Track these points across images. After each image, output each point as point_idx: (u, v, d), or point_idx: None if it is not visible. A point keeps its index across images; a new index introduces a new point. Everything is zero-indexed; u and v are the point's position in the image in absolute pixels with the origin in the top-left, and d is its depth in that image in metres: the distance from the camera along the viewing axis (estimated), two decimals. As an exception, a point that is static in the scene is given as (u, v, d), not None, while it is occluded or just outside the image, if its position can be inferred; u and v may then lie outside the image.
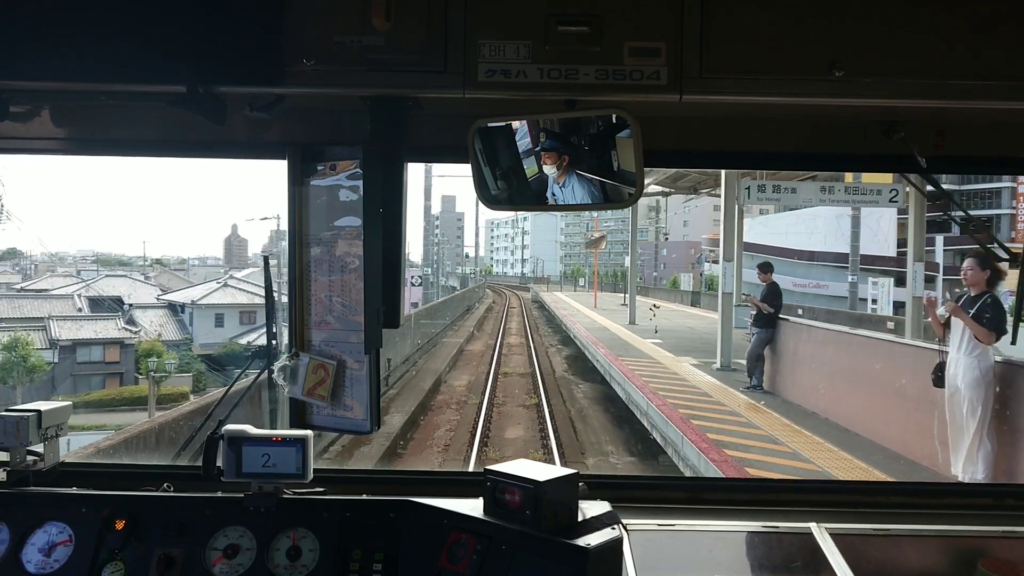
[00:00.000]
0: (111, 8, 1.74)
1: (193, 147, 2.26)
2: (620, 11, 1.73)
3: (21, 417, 2.08)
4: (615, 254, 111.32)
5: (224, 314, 46.65)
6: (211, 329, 45.08)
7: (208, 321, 45.92)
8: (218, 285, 48.95)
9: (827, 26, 1.73)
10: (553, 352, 29.88)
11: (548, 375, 23.21)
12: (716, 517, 2.25)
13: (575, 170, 1.86)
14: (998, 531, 2.21)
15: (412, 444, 15.15)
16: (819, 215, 44.35)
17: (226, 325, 45.90)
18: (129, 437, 7.38)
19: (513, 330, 40.30)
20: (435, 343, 29.39)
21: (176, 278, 61.01)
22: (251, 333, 42.55)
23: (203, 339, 43.72)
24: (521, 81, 1.75)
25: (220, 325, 45.81)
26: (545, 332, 38.92)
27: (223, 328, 45.39)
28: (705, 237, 58.48)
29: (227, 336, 43.76)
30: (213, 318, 46.21)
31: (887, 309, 30.45)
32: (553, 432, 15.33)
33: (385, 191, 2.02)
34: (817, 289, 43.76)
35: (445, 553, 1.83)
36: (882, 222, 39.70)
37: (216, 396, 11.33)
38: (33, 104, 2.09)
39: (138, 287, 52.00)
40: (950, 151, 2.16)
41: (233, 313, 47.07)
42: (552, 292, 67.60)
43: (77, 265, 68.32)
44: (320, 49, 1.75)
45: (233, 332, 44.77)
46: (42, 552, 1.96)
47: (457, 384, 22.06)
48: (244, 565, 1.93)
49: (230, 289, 48.19)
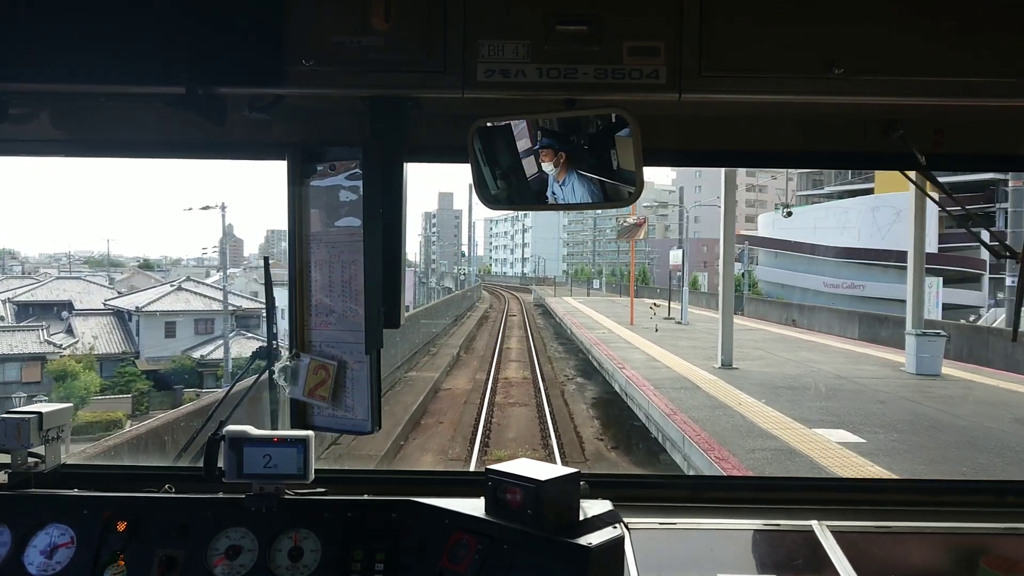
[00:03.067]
0: (110, 10, 1.74)
1: (193, 148, 2.26)
2: (619, 10, 1.73)
3: (22, 419, 2.09)
4: (624, 252, 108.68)
5: (176, 322, 39.99)
6: (160, 340, 39.02)
7: (157, 330, 39.45)
8: (171, 288, 42.84)
9: (826, 25, 1.73)
10: (584, 416, 18.10)
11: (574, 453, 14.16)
12: (717, 515, 2.25)
13: (575, 169, 1.86)
14: (1000, 528, 2.21)
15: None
16: (851, 207, 40.68)
17: (179, 335, 39.64)
18: (131, 438, 7.39)
19: (513, 354, 30.18)
20: (399, 378, 20.57)
21: (151, 280, 52.58)
22: (207, 345, 37.13)
23: (151, 351, 37.97)
24: (520, 81, 1.75)
25: (171, 335, 39.50)
26: (556, 355, 29.64)
27: (175, 339, 39.28)
28: (751, 237, 50.91)
29: (179, 348, 37.84)
30: (163, 327, 39.73)
31: (935, 313, 27.93)
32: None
33: (385, 191, 2.02)
34: (852, 290, 39.88)
35: (446, 553, 1.83)
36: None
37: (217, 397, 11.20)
38: (33, 106, 2.09)
39: (92, 290, 45.96)
40: (949, 149, 2.16)
41: (187, 321, 40.45)
42: (560, 297, 57.08)
43: (61, 264, 64.52)
44: (319, 50, 1.75)
45: (187, 343, 39.01)
46: (44, 554, 1.96)
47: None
48: (246, 566, 1.93)
49: (184, 294, 41.83)
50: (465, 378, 24.18)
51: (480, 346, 33.48)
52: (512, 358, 29.42)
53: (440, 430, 16.83)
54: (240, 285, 58.61)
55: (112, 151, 2.30)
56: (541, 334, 38.36)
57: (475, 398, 20.26)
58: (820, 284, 42.11)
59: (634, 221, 35.51)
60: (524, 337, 37.20)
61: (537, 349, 31.43)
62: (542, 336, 37.72)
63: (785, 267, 46.84)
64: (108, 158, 2.32)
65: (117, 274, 58.46)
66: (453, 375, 24.79)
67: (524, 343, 34.55)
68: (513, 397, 20.62)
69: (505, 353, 30.60)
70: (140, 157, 2.33)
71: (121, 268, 66.08)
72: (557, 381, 23.73)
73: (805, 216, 44.04)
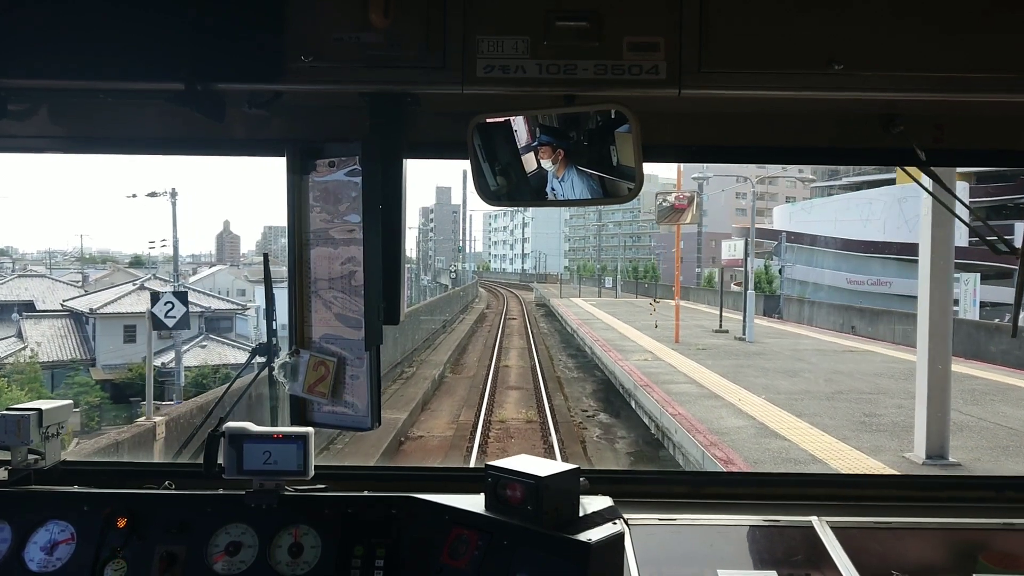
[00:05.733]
0: (109, 6, 1.74)
1: (192, 144, 2.25)
2: (619, 6, 1.73)
3: (22, 416, 2.09)
4: (630, 247, 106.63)
5: (137, 325, 34.24)
6: (119, 345, 34.29)
7: (115, 335, 34.66)
8: (132, 287, 37.52)
9: (826, 20, 1.73)
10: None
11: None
12: (717, 511, 2.26)
13: (574, 165, 1.86)
14: (998, 523, 2.22)
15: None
16: (876, 198, 38.13)
17: (139, 340, 33.27)
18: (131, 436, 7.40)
19: (512, 376, 23.15)
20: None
21: (132, 278, 45.10)
22: (171, 351, 28.87)
23: (108, 358, 33.35)
24: (520, 77, 1.74)
25: (131, 340, 34.27)
26: (567, 375, 23.10)
27: (135, 344, 33.54)
28: (785, 230, 44.34)
29: (140, 354, 31.19)
30: (122, 331, 34.79)
31: (972, 312, 25.91)
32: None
33: (384, 187, 2.01)
34: (878, 287, 37.34)
35: (447, 549, 1.84)
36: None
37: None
38: (31, 102, 2.08)
39: (58, 289, 41.19)
40: (949, 144, 2.16)
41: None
42: (568, 298, 49.46)
43: (55, 262, 59.72)
44: (319, 46, 1.74)
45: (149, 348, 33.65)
46: (44, 551, 1.97)
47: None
48: (246, 562, 1.94)
49: (147, 293, 34.24)
50: (445, 417, 17.18)
51: (471, 361, 26.56)
52: (511, 382, 22.20)
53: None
54: (225, 282, 54.13)
55: (111, 147, 2.30)
56: (547, 346, 30.96)
57: (455, 457, 14.83)
58: (843, 281, 39.59)
59: (679, 196, 24.70)
60: (526, 348, 29.95)
61: (544, 371, 23.67)
62: (547, 345, 30.59)
63: (805, 262, 43.41)
64: (107, 154, 2.32)
65: (102, 270, 53.18)
66: (432, 410, 18.20)
67: (526, 358, 27.29)
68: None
69: (502, 374, 23.17)
70: (139, 153, 2.32)
71: (110, 265, 60.98)
72: (576, 427, 17.19)
73: (824, 208, 41.65)
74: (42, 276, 44.96)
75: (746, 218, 67.95)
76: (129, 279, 43.34)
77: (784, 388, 15.37)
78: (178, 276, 32.12)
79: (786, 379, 16.61)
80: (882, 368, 18.22)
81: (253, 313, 38.86)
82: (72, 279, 47.56)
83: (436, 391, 20.39)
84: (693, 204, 24.46)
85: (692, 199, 24.72)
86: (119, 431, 9.39)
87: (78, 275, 50.22)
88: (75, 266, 55.80)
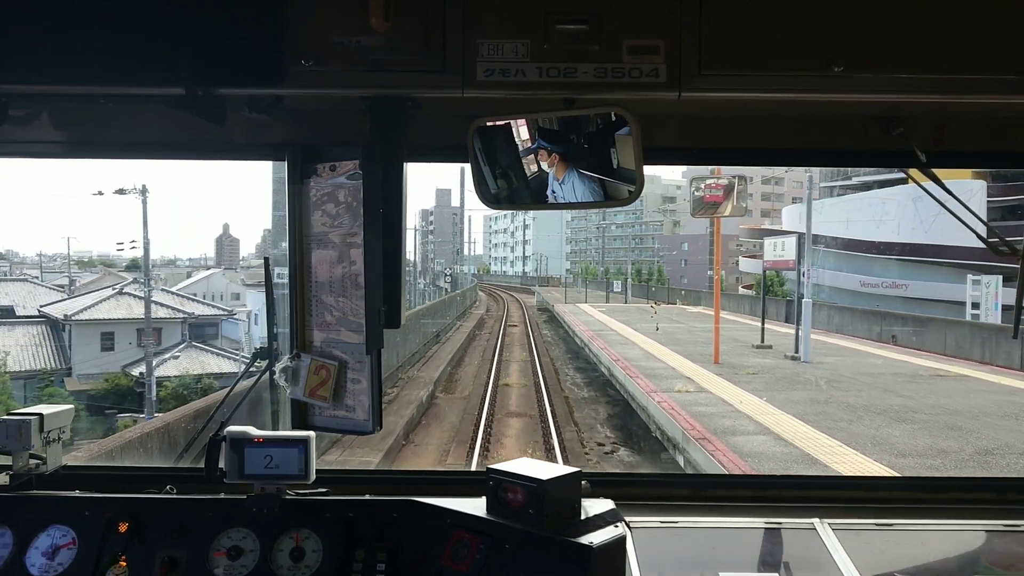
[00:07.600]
0: (110, 12, 1.74)
1: (193, 149, 2.26)
2: (619, 9, 1.73)
3: (23, 421, 2.09)
4: (634, 250, 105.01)
5: (115, 332, 32.98)
6: (96, 353, 32.13)
7: (92, 342, 32.54)
8: (111, 292, 35.57)
9: (826, 22, 1.73)
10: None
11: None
12: (719, 514, 2.25)
13: (575, 168, 1.86)
14: (1001, 525, 2.21)
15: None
16: (890, 198, 36.09)
17: (117, 348, 32.54)
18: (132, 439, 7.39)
19: (512, 400, 19.46)
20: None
21: (121, 280, 42.29)
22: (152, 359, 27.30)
23: (84, 368, 31.23)
24: (520, 80, 1.74)
25: (109, 348, 32.63)
26: (589, 425, 17.27)
27: (113, 352, 32.24)
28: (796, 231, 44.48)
29: (118, 363, 30.56)
30: (99, 338, 32.86)
31: (994, 315, 24.43)
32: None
33: (385, 191, 2.01)
34: (894, 290, 35.69)
35: (448, 552, 1.83)
36: (972, 202, 33.63)
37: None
38: (32, 108, 2.09)
39: (40, 294, 39.06)
40: (950, 146, 2.16)
41: (127, 330, 32.99)
42: (574, 304, 44.32)
43: (57, 266, 57.06)
44: (319, 50, 1.74)
45: (128, 356, 31.45)
46: (46, 555, 1.96)
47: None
48: (247, 566, 1.94)
49: (126, 299, 34.35)
50: (432, 454, 14.50)
51: (467, 377, 23.06)
52: (512, 407, 18.63)
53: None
54: (220, 286, 53.20)
55: (112, 152, 2.30)
56: (551, 357, 26.45)
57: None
58: (857, 283, 38.37)
59: (719, 181, 19.59)
60: (528, 361, 25.48)
61: (550, 390, 19.65)
62: (551, 357, 26.02)
63: (819, 265, 40.60)
64: (108, 159, 2.32)
65: (96, 274, 50.67)
66: (416, 443, 15.15)
67: (529, 374, 23.30)
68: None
69: (501, 396, 19.46)
70: (140, 158, 2.33)
71: (101, 269, 57.40)
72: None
73: (836, 209, 40.21)
74: (23, 280, 42.39)
75: (752, 219, 66.80)
76: (117, 283, 40.79)
77: (903, 444, 10.78)
78: (149, 280, 29.84)
79: (895, 427, 11.98)
80: (1003, 403, 13.84)
81: (244, 317, 37.82)
82: (62, 283, 45.28)
83: (424, 416, 17.33)
84: (733, 194, 19.63)
85: (732, 188, 19.70)
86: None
87: (69, 279, 47.87)
88: (71, 270, 53.96)
